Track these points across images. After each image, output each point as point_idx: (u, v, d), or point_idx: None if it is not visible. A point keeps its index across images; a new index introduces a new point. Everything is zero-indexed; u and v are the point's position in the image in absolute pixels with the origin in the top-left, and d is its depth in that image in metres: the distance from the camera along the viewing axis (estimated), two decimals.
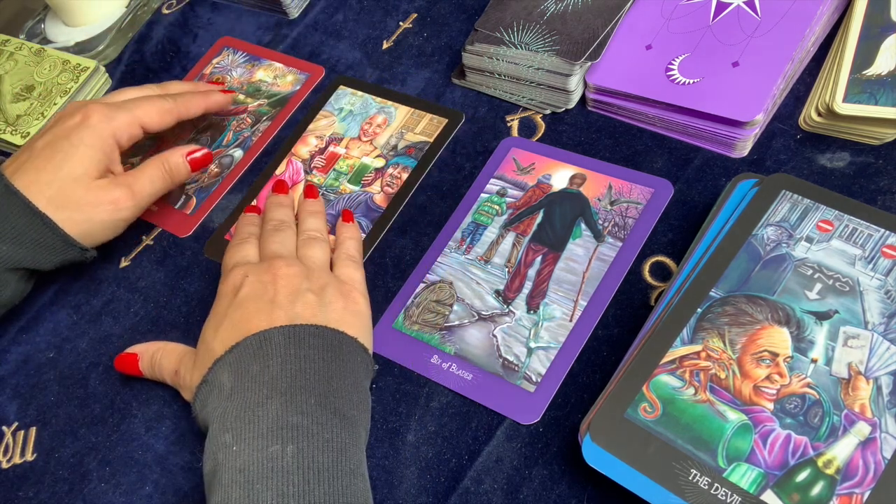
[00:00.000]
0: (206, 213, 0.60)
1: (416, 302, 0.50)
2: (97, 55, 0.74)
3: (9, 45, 0.74)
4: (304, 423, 0.39)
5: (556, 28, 0.55)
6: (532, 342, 0.46)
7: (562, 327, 0.46)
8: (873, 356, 0.38)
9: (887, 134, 0.46)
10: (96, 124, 0.54)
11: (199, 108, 0.60)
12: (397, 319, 0.50)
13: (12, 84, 0.71)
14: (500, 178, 0.53)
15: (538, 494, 0.42)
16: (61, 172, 0.52)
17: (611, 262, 0.47)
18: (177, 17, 0.74)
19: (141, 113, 0.56)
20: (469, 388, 0.46)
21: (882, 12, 0.49)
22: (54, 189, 0.52)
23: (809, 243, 0.42)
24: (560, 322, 0.46)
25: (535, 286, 0.48)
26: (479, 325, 0.48)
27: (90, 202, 0.53)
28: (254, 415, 0.40)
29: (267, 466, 0.38)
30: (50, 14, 0.79)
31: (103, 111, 0.54)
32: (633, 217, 0.48)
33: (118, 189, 0.53)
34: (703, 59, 0.51)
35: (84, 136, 0.53)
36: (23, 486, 0.51)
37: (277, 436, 0.39)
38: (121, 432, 0.51)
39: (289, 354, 0.42)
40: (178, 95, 0.58)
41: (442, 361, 0.47)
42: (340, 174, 0.58)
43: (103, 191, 0.53)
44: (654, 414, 0.39)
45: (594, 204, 0.50)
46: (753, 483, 0.36)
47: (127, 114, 0.55)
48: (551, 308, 0.47)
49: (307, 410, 0.40)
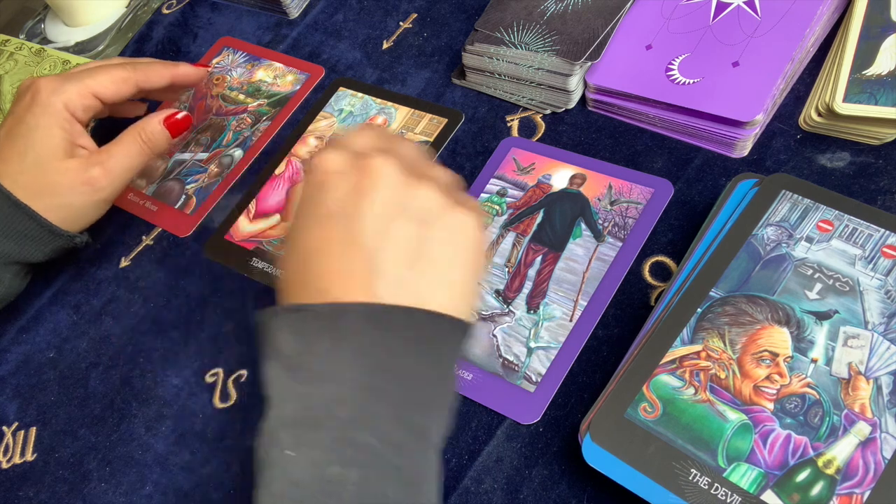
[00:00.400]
0: (206, 212, 0.60)
1: None
2: (97, 55, 0.74)
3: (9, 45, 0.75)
4: (374, 443, 0.32)
5: (557, 28, 0.55)
6: (532, 342, 0.46)
7: (562, 327, 0.46)
8: (873, 356, 0.38)
9: (887, 134, 0.46)
10: (45, 100, 0.51)
11: (163, 78, 0.55)
12: None
13: (12, 84, 0.71)
14: (500, 177, 0.53)
15: (538, 494, 0.42)
16: (27, 159, 0.50)
17: (611, 262, 0.47)
18: (177, 17, 0.74)
19: (92, 81, 0.52)
20: (469, 388, 0.46)
21: (882, 12, 0.49)
22: (26, 177, 0.50)
23: (809, 243, 0.42)
24: (560, 322, 0.46)
25: (536, 286, 0.48)
26: (478, 325, 0.48)
27: (64, 186, 0.50)
28: (316, 419, 0.32)
29: (324, 490, 0.31)
30: (50, 14, 0.79)
31: (51, 84, 0.51)
32: (633, 217, 0.48)
33: (92, 168, 0.51)
34: (703, 59, 0.51)
35: (37, 115, 0.50)
36: (23, 486, 0.51)
37: (341, 454, 0.32)
38: (121, 432, 0.51)
39: (366, 342, 0.33)
40: (138, 63, 0.55)
41: None
42: None
43: (75, 172, 0.51)
44: (655, 414, 0.39)
45: (594, 204, 0.50)
46: (753, 483, 0.36)
47: (77, 84, 0.52)
48: (551, 308, 0.47)
49: (380, 426, 0.32)
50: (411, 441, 0.33)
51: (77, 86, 0.51)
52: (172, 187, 0.62)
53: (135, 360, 0.54)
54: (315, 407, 0.32)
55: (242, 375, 0.51)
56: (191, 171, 0.63)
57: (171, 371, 0.53)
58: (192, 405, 0.51)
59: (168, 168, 0.63)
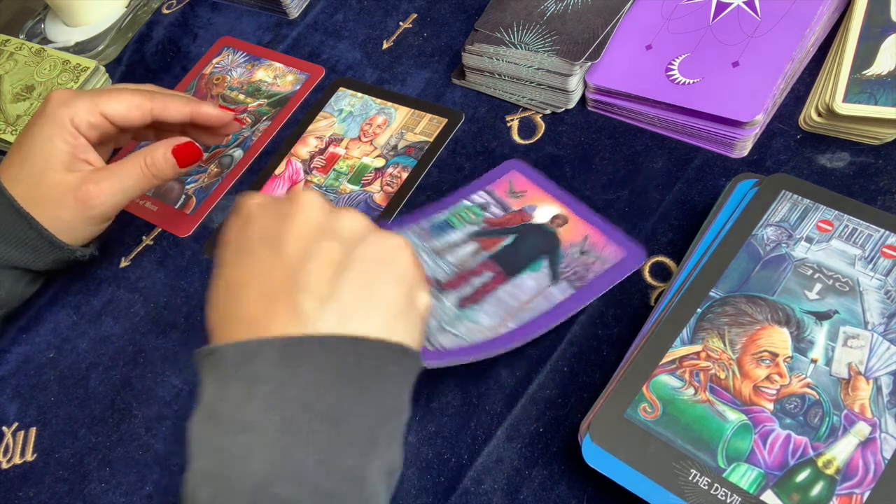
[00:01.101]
0: (206, 212, 0.60)
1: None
2: (97, 55, 0.74)
3: (9, 45, 0.75)
4: (301, 496, 0.29)
5: (556, 28, 0.55)
6: (447, 325, 0.45)
7: (481, 332, 0.44)
8: (873, 356, 0.38)
9: (887, 134, 0.46)
10: (53, 111, 0.50)
11: (181, 113, 0.53)
12: None
13: (12, 84, 0.71)
14: (489, 192, 0.53)
15: (538, 495, 0.42)
16: (25, 167, 0.50)
17: (555, 304, 0.45)
18: (177, 17, 0.74)
19: (104, 101, 0.51)
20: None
21: (882, 12, 0.49)
22: (25, 184, 0.49)
23: (809, 243, 0.42)
24: (482, 328, 0.45)
25: (474, 292, 0.47)
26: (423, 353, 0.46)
27: (55, 199, 0.49)
28: (230, 474, 0.30)
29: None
30: (50, 14, 0.79)
31: (62, 97, 0.50)
32: (596, 273, 0.47)
33: (87, 185, 0.49)
34: (703, 59, 0.51)
35: (42, 125, 0.50)
36: (23, 486, 0.51)
37: None
38: (121, 432, 0.51)
39: (285, 382, 0.31)
40: (158, 93, 0.53)
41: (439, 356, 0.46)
42: (340, 174, 0.58)
43: (68, 186, 0.49)
44: (654, 414, 0.39)
45: (565, 247, 0.49)
46: (753, 483, 0.36)
47: (87, 100, 0.50)
48: (479, 314, 0.46)
49: (305, 477, 0.30)
50: (344, 487, 0.30)
51: (87, 102, 0.50)
52: (172, 187, 0.62)
53: (135, 361, 0.54)
54: (230, 461, 0.30)
55: None
56: (190, 171, 0.62)
57: (171, 371, 0.53)
58: (192, 405, 0.51)
59: None
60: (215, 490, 0.30)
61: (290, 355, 0.31)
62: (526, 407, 0.45)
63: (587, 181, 0.52)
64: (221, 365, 0.31)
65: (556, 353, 0.46)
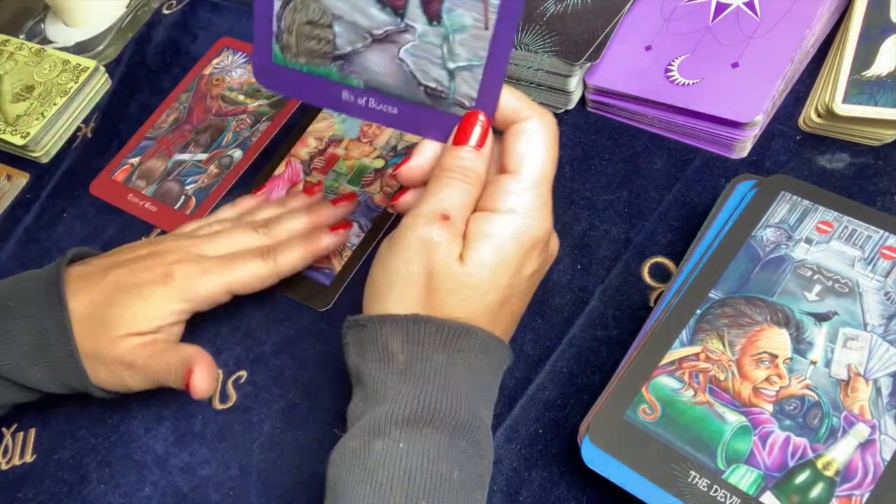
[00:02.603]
0: (206, 213, 0.60)
1: (283, 27, 0.40)
2: (97, 55, 0.74)
3: (9, 45, 0.75)
4: (471, 450, 0.36)
5: (556, 29, 0.55)
6: (450, 62, 0.38)
7: (478, 38, 0.37)
8: (872, 358, 0.38)
9: (887, 135, 0.46)
10: (178, 285, 0.47)
11: (301, 262, 0.50)
12: (274, 52, 0.41)
13: (12, 84, 0.71)
14: None
15: (537, 496, 0.42)
16: (108, 313, 0.46)
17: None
18: (177, 17, 0.74)
19: (233, 280, 0.48)
20: (399, 123, 0.41)
21: (882, 13, 0.49)
22: (93, 325, 0.46)
23: (809, 244, 0.42)
24: (473, 32, 0.37)
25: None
26: (377, 50, 0.39)
27: (111, 359, 0.46)
28: (431, 419, 0.35)
29: (432, 483, 0.34)
30: (50, 14, 0.79)
31: (189, 272, 0.47)
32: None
33: (139, 362, 0.46)
34: (702, 60, 0.51)
35: (156, 294, 0.47)
36: (22, 487, 0.51)
37: (449, 454, 0.35)
38: (120, 433, 0.51)
39: (474, 363, 0.38)
40: (279, 251, 0.49)
41: (355, 97, 0.40)
42: (340, 175, 0.58)
43: (126, 356, 0.46)
44: (654, 415, 0.39)
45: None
46: (753, 485, 0.36)
47: (217, 279, 0.48)
48: (457, 14, 0.37)
49: (476, 437, 0.37)
50: (489, 455, 0.38)
51: (217, 282, 0.48)
52: (172, 188, 0.62)
53: None
54: (429, 409, 0.36)
55: (242, 377, 0.51)
56: (190, 171, 0.62)
57: None
58: (191, 406, 0.51)
59: (168, 169, 0.63)
60: (412, 430, 0.36)
61: (486, 347, 0.39)
62: (525, 408, 0.45)
63: (587, 181, 0.52)
64: (422, 331, 0.38)
65: (555, 354, 0.46)
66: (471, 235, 0.38)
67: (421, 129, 0.41)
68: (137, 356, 0.46)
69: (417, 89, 0.39)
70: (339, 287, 0.53)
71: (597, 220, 0.50)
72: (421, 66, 0.39)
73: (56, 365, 0.47)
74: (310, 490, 0.46)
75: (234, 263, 0.49)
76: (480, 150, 0.39)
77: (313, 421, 0.48)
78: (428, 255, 0.38)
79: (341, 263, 0.53)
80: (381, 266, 0.40)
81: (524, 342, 0.47)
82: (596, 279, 0.48)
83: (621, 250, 0.49)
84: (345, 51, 0.40)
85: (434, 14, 0.38)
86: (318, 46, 0.40)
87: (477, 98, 0.39)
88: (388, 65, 0.39)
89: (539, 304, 0.48)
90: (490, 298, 0.38)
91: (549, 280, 0.49)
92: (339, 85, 0.41)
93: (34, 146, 0.68)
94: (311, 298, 0.53)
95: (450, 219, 0.38)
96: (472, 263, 0.38)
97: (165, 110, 0.67)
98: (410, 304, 0.38)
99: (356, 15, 0.39)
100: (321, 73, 0.41)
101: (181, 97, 0.68)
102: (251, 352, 0.52)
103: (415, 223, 0.38)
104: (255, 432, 0.49)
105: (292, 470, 0.47)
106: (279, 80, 0.42)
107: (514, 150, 0.38)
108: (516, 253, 0.38)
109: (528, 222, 0.38)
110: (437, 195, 0.39)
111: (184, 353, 0.46)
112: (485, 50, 0.37)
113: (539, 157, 0.38)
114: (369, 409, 0.37)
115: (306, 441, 0.48)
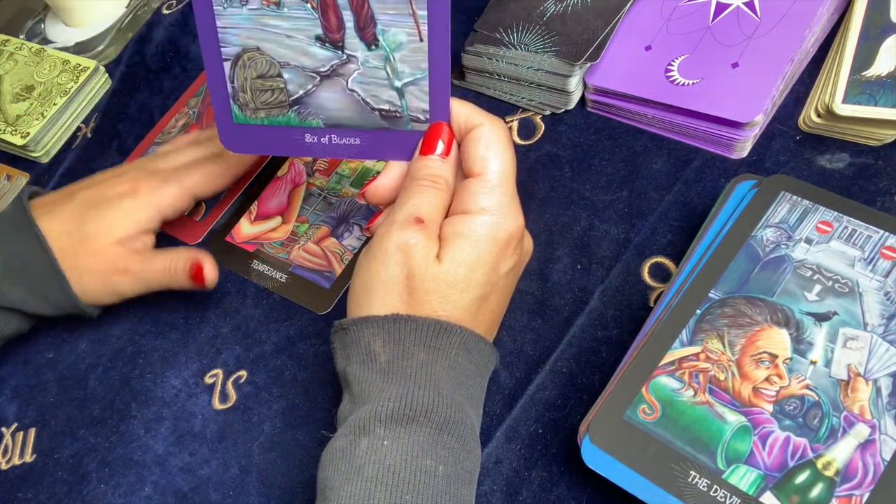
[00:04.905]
0: (216, 219, 0.59)
1: (237, 87, 0.43)
2: (97, 55, 0.74)
3: (9, 45, 0.75)
4: (457, 447, 0.37)
5: (556, 29, 0.55)
6: (396, 81, 0.40)
7: (416, 52, 0.40)
8: (872, 358, 0.38)
9: (887, 135, 0.46)
10: (145, 197, 0.51)
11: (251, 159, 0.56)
12: (234, 113, 0.43)
13: (12, 84, 0.71)
14: None
15: (537, 496, 0.42)
16: (85, 227, 0.50)
17: None
18: (177, 17, 0.74)
19: (192, 184, 0.53)
20: (363, 152, 0.43)
21: (882, 13, 0.49)
22: (73, 241, 0.50)
23: (809, 244, 0.42)
24: (411, 47, 0.40)
25: (357, 13, 0.40)
26: (327, 86, 0.41)
27: (94, 266, 0.50)
28: (414, 417, 0.36)
29: (415, 479, 0.35)
30: (50, 14, 0.79)
31: (152, 184, 0.52)
32: None
33: (126, 266, 0.51)
34: (702, 60, 0.51)
35: (126, 205, 0.51)
36: (22, 487, 0.51)
37: (432, 450, 0.36)
38: (120, 433, 0.51)
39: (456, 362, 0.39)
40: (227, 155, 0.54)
41: (318, 137, 0.43)
42: (343, 177, 0.58)
43: (112, 261, 0.50)
44: (654, 416, 0.39)
45: None
46: (753, 485, 0.36)
47: (178, 184, 0.53)
48: (391, 34, 0.39)
49: (462, 433, 0.37)
50: (476, 450, 0.38)
51: (176, 188, 0.53)
52: None
53: (134, 361, 0.54)
54: (412, 407, 0.36)
55: (242, 377, 0.51)
56: None
57: (171, 372, 0.53)
58: (191, 406, 0.51)
59: None
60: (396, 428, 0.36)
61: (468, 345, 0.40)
62: (525, 408, 0.45)
63: (587, 182, 0.52)
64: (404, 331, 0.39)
65: (555, 355, 0.46)
66: (446, 236, 0.39)
67: (385, 153, 0.42)
68: (130, 262, 0.51)
69: (372, 115, 0.41)
70: (339, 290, 0.53)
71: (597, 220, 0.50)
72: (370, 91, 0.41)
73: (36, 281, 0.50)
74: (310, 490, 0.46)
75: (190, 170, 0.53)
76: (447, 157, 0.41)
77: (313, 421, 0.48)
78: (406, 258, 0.39)
79: (342, 267, 0.53)
80: (361, 274, 0.41)
81: (524, 342, 0.47)
82: (596, 279, 0.48)
83: (621, 250, 0.49)
84: (297, 94, 0.42)
85: (370, 39, 0.40)
86: (273, 97, 0.42)
87: (430, 109, 0.41)
88: (341, 98, 0.41)
89: (539, 304, 0.48)
90: (469, 296, 0.39)
91: (549, 280, 0.49)
92: (300, 129, 0.43)
93: (34, 146, 0.68)
94: (311, 302, 0.53)
95: (424, 222, 0.39)
96: (449, 262, 0.39)
97: (174, 115, 0.67)
98: (391, 305, 0.39)
99: (301, 58, 0.41)
100: (282, 123, 0.43)
101: (190, 102, 0.67)
102: (251, 352, 0.52)
103: (390, 230, 0.39)
104: (255, 432, 0.49)
105: (292, 470, 0.47)
106: (244, 140, 0.44)
107: (476, 154, 0.40)
108: (491, 250, 0.39)
109: (500, 219, 0.39)
110: (410, 202, 0.40)
111: (183, 253, 0.51)
112: (425, 61, 0.40)
113: (500, 157, 0.40)
114: (356, 410, 0.38)
115: (306, 441, 0.48)
